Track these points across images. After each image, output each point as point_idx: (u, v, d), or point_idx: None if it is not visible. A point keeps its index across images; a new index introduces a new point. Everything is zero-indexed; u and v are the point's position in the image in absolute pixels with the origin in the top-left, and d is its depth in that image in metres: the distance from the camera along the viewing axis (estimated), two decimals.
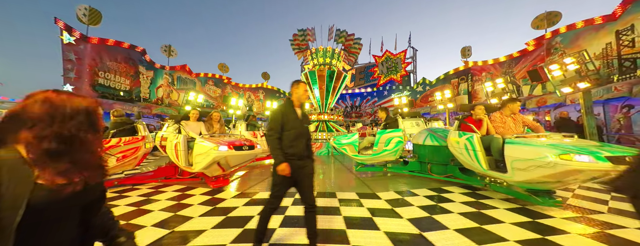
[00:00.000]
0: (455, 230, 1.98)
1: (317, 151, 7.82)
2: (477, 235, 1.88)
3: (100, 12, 10.50)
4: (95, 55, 10.05)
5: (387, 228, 2.03)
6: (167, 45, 14.76)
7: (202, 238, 1.87)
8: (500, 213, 2.35)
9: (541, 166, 2.12)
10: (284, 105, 1.73)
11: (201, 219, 2.25)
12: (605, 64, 8.20)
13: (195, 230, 2.00)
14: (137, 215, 2.36)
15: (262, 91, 20.24)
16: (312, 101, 11.19)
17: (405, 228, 2.04)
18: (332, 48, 10.78)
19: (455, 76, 15.60)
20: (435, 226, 2.06)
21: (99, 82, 10.08)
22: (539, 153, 2.14)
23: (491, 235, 1.89)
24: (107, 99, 10.18)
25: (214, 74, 17.10)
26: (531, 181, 2.36)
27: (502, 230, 1.97)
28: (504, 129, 2.87)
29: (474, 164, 2.91)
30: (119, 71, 10.98)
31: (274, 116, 1.68)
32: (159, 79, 13.28)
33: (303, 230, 1.67)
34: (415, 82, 20.03)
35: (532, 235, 1.87)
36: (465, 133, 3.07)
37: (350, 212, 2.42)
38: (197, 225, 2.13)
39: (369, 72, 22.37)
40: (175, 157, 3.61)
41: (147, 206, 2.61)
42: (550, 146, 2.14)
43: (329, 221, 2.17)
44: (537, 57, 10.83)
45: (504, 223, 2.12)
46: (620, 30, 7.86)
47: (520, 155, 2.31)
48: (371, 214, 2.35)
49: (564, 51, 9.56)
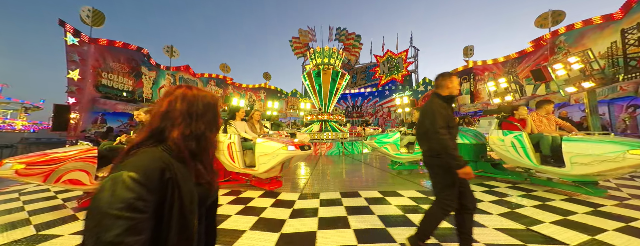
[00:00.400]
0: (552, 223, 2.08)
1: (328, 151, 7.84)
2: (578, 227, 1.98)
3: (103, 13, 10.60)
4: (98, 56, 10.14)
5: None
6: (169, 45, 14.85)
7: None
8: (564, 204, 2.55)
9: (607, 161, 2.39)
10: (440, 100, 1.56)
11: (294, 221, 2.22)
12: (611, 63, 8.09)
13: (302, 232, 1.98)
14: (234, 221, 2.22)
15: (264, 91, 20.27)
16: (314, 101, 11.19)
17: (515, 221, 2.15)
18: (329, 47, 10.77)
19: (457, 75, 15.48)
20: (527, 221, 2.14)
21: (102, 83, 10.17)
22: (606, 149, 2.42)
23: (588, 226, 2.00)
24: (110, 100, 10.27)
25: (216, 75, 17.17)
26: (588, 174, 2.64)
27: (591, 221, 2.11)
28: (541, 127, 3.17)
29: (523, 160, 3.16)
30: (122, 72, 11.07)
31: (439, 112, 1.50)
32: (161, 80, 13.37)
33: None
34: (416, 82, 19.92)
35: (617, 224, 2.02)
36: (510, 132, 3.28)
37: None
38: (299, 226, 2.09)
39: (371, 72, 22.30)
40: (228, 158, 3.36)
41: (227, 212, 2.47)
42: (615, 143, 2.41)
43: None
44: (540, 56, 10.71)
45: (577, 213, 2.28)
46: (626, 29, 7.74)
47: (582, 151, 2.58)
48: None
49: (568, 50, 9.44)
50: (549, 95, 9.89)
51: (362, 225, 2.11)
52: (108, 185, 0.45)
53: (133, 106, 11.10)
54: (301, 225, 2.12)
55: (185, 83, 14.96)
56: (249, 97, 19.22)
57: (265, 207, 2.61)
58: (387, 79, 20.92)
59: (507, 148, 3.29)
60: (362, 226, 2.08)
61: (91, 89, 9.65)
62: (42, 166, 2.27)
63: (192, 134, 0.55)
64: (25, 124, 32.13)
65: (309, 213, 2.43)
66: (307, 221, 2.22)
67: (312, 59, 10.95)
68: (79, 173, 2.48)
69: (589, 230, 1.93)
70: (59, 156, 2.39)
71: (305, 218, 2.29)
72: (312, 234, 1.94)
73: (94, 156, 2.60)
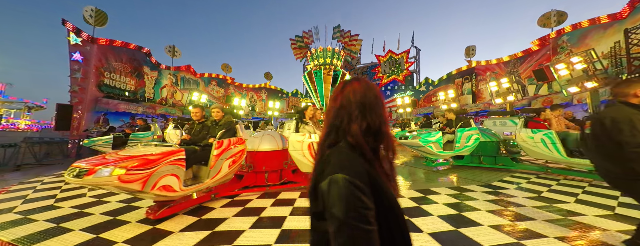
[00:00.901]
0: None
1: None
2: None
3: (106, 13, 10.66)
4: (101, 56, 10.21)
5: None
6: (171, 45, 14.91)
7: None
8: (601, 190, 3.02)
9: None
10: (634, 109, 1.31)
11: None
12: (614, 63, 8.03)
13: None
14: None
15: (265, 91, 20.31)
16: (315, 101, 11.20)
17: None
18: (331, 47, 10.78)
19: (459, 75, 15.44)
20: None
21: (104, 83, 10.24)
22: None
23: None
24: (112, 99, 10.33)
25: (218, 75, 17.22)
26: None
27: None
28: (559, 126, 3.84)
29: (552, 154, 3.72)
30: (124, 72, 11.13)
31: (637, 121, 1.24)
32: (163, 80, 13.42)
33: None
34: (418, 82, 19.88)
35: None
36: (539, 130, 3.89)
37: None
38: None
39: (372, 72, 22.27)
40: (310, 159, 3.07)
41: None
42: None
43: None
44: (543, 56, 10.66)
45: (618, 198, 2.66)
46: (630, 29, 7.69)
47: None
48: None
49: (570, 49, 9.39)
50: (551, 95, 9.84)
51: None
52: (338, 191, 0.40)
53: (135, 105, 11.15)
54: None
55: (187, 83, 15.02)
56: (250, 97, 19.26)
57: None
58: (389, 79, 20.89)
59: (536, 144, 3.86)
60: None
61: (94, 88, 9.71)
62: (140, 170, 1.91)
63: (369, 128, 0.50)
64: (28, 124, 32.34)
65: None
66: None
67: (313, 60, 10.96)
68: (170, 177, 2.14)
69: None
70: (152, 157, 2.03)
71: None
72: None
73: (183, 158, 2.27)
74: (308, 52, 11.39)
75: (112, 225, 2.15)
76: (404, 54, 20.33)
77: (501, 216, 2.26)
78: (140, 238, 1.92)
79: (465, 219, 2.21)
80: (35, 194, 3.18)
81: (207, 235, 1.95)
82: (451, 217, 2.26)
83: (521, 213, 2.33)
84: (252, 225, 2.13)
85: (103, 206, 2.70)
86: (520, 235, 1.87)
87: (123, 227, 2.11)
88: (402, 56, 20.38)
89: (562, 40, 9.87)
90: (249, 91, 19.35)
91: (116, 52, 10.83)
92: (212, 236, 1.94)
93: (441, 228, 2.01)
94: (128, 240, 1.87)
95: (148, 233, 1.99)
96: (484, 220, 2.17)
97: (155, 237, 1.92)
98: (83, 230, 2.05)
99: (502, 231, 1.93)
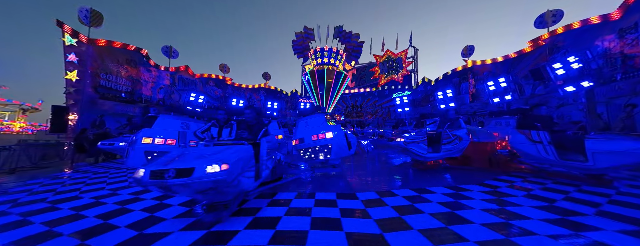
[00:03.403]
0: None
1: None
2: None
3: (101, 13, 10.55)
4: (97, 56, 10.11)
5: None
6: (168, 46, 14.80)
7: None
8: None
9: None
10: None
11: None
12: (608, 63, 8.13)
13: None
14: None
15: (263, 92, 20.25)
16: (314, 101, 11.18)
17: None
18: (331, 47, 10.76)
19: (456, 75, 15.54)
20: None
21: (100, 84, 10.13)
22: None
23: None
24: (109, 101, 10.23)
25: (216, 75, 17.14)
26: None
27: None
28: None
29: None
30: (121, 73, 11.03)
31: None
32: (160, 80, 13.33)
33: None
34: (416, 81, 19.96)
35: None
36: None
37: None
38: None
39: (370, 72, 22.32)
40: None
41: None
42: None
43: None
44: (539, 56, 10.75)
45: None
46: (624, 29, 7.79)
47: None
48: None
49: (566, 49, 9.49)
50: (547, 94, 9.93)
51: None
52: None
53: (131, 106, 11.06)
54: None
55: (184, 83, 14.92)
56: (249, 98, 19.19)
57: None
58: (387, 79, 20.95)
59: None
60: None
61: (89, 89, 9.61)
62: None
63: None
64: (23, 126, 31.93)
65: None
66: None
67: (313, 60, 10.93)
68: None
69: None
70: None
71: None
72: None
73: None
74: (308, 51, 11.37)
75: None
76: (402, 54, 20.40)
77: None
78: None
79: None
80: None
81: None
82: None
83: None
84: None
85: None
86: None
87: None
88: (400, 56, 20.45)
89: (558, 40, 9.97)
90: (247, 92, 19.29)
91: (112, 53, 10.73)
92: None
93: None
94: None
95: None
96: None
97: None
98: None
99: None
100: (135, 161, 4.07)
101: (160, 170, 1.75)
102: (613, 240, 1.78)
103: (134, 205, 2.82)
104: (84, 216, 2.47)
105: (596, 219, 2.16)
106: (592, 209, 2.41)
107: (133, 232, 2.05)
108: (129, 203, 2.90)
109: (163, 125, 4.45)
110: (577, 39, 9.27)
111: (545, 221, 2.13)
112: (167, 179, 1.71)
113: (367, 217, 2.29)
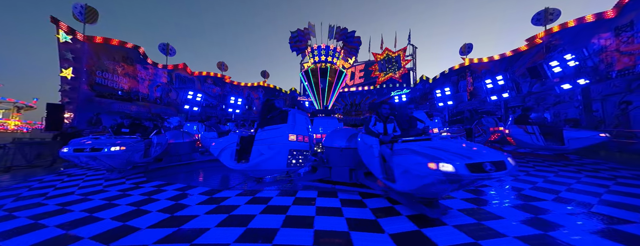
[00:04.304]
0: None
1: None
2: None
3: (97, 10, 10.38)
4: (92, 54, 9.97)
5: None
6: (166, 43, 14.64)
7: None
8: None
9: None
10: None
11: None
12: (604, 61, 8.20)
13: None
14: None
15: (262, 90, 20.17)
16: (312, 99, 11.16)
17: None
18: (328, 45, 10.71)
19: (454, 73, 15.59)
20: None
21: (96, 82, 10.01)
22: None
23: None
24: (105, 99, 10.13)
25: (214, 73, 17.01)
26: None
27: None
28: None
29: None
30: (117, 70, 10.90)
31: None
32: (157, 78, 13.20)
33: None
34: (414, 79, 19.99)
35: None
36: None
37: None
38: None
39: (369, 70, 22.30)
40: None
41: None
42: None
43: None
44: (536, 54, 10.81)
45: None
46: (620, 27, 7.85)
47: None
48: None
49: (563, 47, 9.55)
50: (544, 92, 10.01)
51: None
52: None
53: (128, 105, 10.96)
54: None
55: (182, 81, 14.79)
56: (247, 96, 19.11)
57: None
58: (386, 77, 20.95)
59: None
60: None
61: (85, 87, 9.49)
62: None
63: None
64: (17, 124, 31.52)
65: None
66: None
67: (311, 58, 10.89)
68: None
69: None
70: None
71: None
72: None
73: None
74: (306, 49, 11.31)
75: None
76: (401, 52, 20.39)
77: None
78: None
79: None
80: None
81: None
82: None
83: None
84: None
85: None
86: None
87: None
88: (399, 54, 20.44)
89: (555, 38, 10.02)
90: (245, 90, 19.19)
91: (108, 50, 10.59)
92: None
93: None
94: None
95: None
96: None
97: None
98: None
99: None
100: (280, 162, 3.29)
101: (478, 163, 1.73)
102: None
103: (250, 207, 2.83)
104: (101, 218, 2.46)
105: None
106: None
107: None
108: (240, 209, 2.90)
109: (298, 121, 3.65)
110: (573, 37, 9.33)
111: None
112: (490, 172, 1.69)
113: None
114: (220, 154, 3.59)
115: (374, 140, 2.57)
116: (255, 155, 3.33)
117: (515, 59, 11.91)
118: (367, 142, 2.63)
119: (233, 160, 3.49)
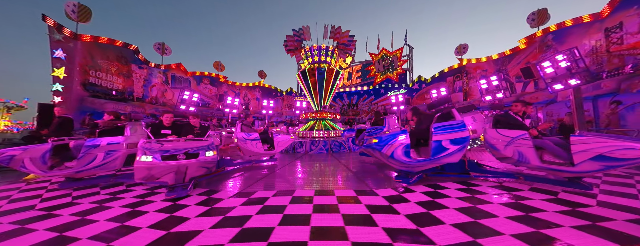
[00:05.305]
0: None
1: (316, 151, 7.86)
2: None
3: (90, 8, 10.21)
4: (85, 53, 9.80)
5: None
6: (161, 43, 14.48)
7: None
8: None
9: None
10: None
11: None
12: (595, 61, 8.40)
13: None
14: None
15: (259, 90, 20.08)
16: (309, 99, 11.17)
17: None
18: (325, 46, 10.72)
19: (450, 73, 15.77)
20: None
21: (89, 82, 9.85)
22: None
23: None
24: (99, 99, 9.97)
25: (210, 73, 16.88)
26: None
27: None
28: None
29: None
30: (111, 70, 10.74)
31: None
32: (152, 78, 13.04)
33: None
34: (411, 80, 20.16)
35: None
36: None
37: None
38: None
39: (366, 70, 22.40)
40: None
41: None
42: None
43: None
44: (529, 54, 11.01)
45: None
46: (609, 28, 8.05)
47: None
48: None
49: (555, 48, 9.74)
50: (537, 92, 10.20)
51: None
52: None
53: (123, 105, 10.81)
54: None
55: (178, 81, 14.64)
56: (244, 96, 19.00)
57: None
58: (383, 77, 21.08)
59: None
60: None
61: (78, 87, 9.33)
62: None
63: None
64: (8, 125, 30.76)
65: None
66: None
67: (307, 58, 10.89)
68: None
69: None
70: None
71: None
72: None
73: None
74: (301, 50, 11.31)
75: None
76: (398, 53, 20.54)
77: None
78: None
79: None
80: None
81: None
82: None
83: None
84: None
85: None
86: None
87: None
88: (396, 54, 20.58)
89: (547, 38, 10.22)
90: (242, 90, 19.08)
91: (101, 49, 10.42)
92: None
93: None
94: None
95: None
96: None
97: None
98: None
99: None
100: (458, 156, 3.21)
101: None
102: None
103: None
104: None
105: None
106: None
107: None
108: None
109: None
110: (566, 37, 9.53)
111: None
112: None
113: None
114: (393, 152, 3.32)
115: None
116: (436, 150, 3.19)
117: (509, 60, 12.10)
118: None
119: (408, 156, 3.29)
